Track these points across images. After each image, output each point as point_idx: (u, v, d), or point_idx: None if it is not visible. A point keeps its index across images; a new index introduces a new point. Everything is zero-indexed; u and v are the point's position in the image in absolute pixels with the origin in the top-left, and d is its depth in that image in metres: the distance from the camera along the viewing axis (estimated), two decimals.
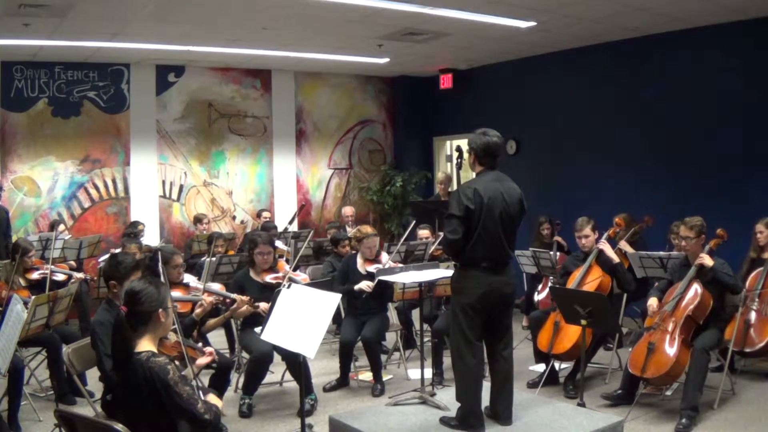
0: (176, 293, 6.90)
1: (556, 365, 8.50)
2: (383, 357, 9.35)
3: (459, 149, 6.55)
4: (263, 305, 7.55)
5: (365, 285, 8.67)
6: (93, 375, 6.59)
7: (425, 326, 9.16)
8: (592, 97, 12.42)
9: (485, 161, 6.19)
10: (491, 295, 6.04)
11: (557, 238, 10.94)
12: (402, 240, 10.23)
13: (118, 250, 9.62)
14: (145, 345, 4.39)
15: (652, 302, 7.59)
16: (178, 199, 13.75)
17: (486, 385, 6.33)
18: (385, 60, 13.48)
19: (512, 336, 6.45)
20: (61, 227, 11.48)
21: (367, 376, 8.75)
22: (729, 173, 10.46)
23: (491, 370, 6.36)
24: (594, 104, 12.38)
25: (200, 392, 4.57)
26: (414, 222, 11.18)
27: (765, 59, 10.03)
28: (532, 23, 10.56)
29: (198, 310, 6.77)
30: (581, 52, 12.35)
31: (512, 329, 6.45)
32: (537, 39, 11.69)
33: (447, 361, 7.46)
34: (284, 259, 10.52)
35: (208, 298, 6.96)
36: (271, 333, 5.96)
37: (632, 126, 11.74)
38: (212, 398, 4.68)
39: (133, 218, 12.94)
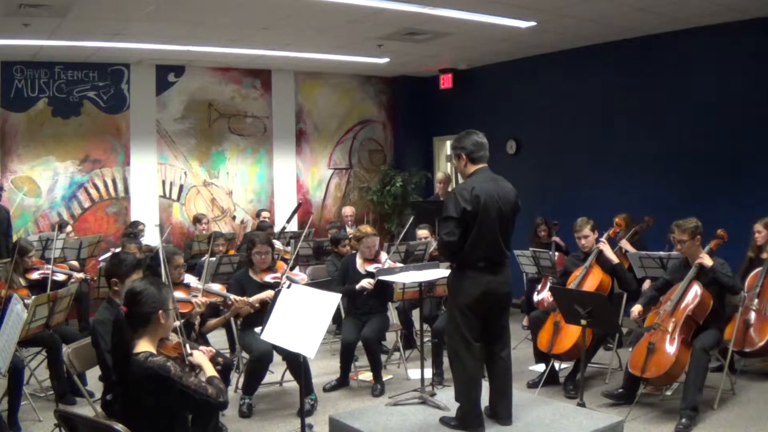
0: (176, 293, 6.90)
1: (556, 365, 8.50)
2: (383, 357, 9.35)
3: None
4: (265, 294, 7.60)
5: (366, 282, 8.67)
6: (93, 375, 6.60)
7: (425, 326, 9.17)
8: (592, 97, 12.42)
9: (477, 157, 6.17)
10: (488, 295, 6.04)
11: (555, 238, 10.96)
12: (400, 237, 10.19)
13: (117, 250, 9.64)
14: (144, 346, 4.38)
15: (634, 308, 7.62)
16: (178, 199, 13.75)
17: (485, 385, 6.34)
18: (385, 60, 13.48)
19: (510, 336, 6.46)
20: (68, 228, 11.49)
21: (367, 376, 8.76)
22: (729, 173, 10.46)
23: (490, 371, 6.36)
24: (594, 104, 12.38)
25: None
26: (411, 219, 11.18)
27: (766, 59, 10.02)
28: (532, 23, 10.56)
29: (192, 313, 6.78)
30: (581, 52, 12.35)
31: (509, 329, 6.47)
32: (537, 39, 11.69)
33: (447, 361, 7.45)
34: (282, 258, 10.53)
35: (201, 299, 6.97)
36: (271, 333, 5.96)
37: (632, 126, 11.73)
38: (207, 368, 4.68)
39: (133, 218, 12.95)
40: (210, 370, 4.63)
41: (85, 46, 11.37)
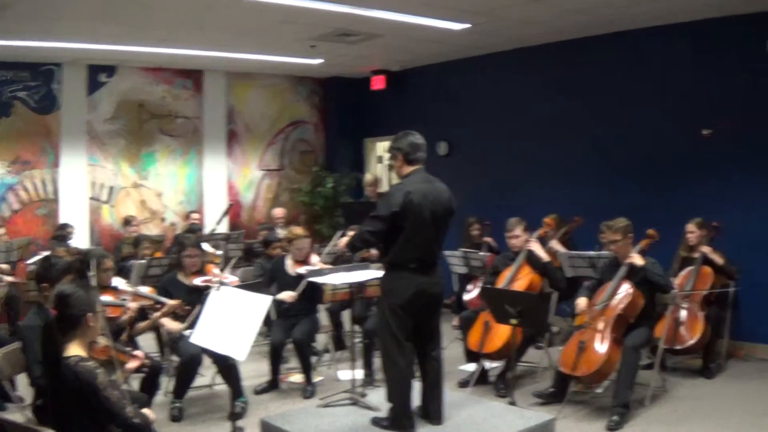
0: (106, 297, 6.83)
1: (487, 365, 8.54)
2: (314, 358, 9.32)
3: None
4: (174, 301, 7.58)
5: (286, 295, 8.65)
6: (24, 380, 6.50)
7: (356, 327, 9.17)
8: (523, 99, 12.52)
9: (414, 159, 6.19)
10: (421, 295, 6.06)
11: (488, 239, 11.00)
12: (331, 244, 10.18)
13: (46, 253, 9.52)
14: (74, 349, 4.34)
15: (580, 301, 7.68)
16: (108, 201, 13.58)
17: (417, 385, 6.35)
18: (319, 61, 13.45)
19: (441, 336, 6.49)
20: (2, 231, 11.33)
21: (297, 378, 8.74)
22: (660, 173, 10.59)
23: (422, 371, 6.38)
24: (525, 105, 12.47)
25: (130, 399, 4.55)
26: (343, 229, 11.18)
27: (708, 60, 10.10)
28: (466, 25, 10.60)
29: (124, 317, 6.73)
30: (514, 54, 12.43)
31: (441, 329, 6.49)
32: (471, 41, 11.73)
33: (378, 361, 7.47)
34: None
35: (132, 304, 6.92)
36: (201, 336, 5.91)
37: (562, 128, 11.84)
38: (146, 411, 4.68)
39: (62, 220, 12.74)
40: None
41: (16, 45, 11.17)
